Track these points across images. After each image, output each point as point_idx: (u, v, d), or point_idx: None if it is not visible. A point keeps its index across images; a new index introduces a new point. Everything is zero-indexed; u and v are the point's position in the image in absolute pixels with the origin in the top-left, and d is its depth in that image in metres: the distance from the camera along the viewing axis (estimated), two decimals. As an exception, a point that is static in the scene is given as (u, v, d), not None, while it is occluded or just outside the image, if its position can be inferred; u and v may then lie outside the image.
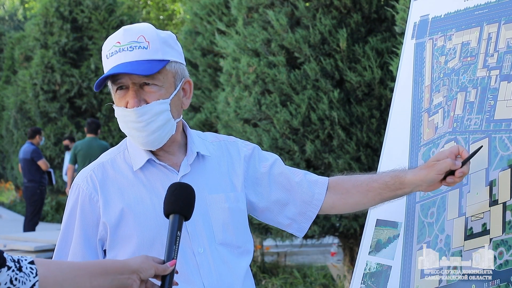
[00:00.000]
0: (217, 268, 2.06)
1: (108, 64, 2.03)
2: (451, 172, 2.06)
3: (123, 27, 2.06)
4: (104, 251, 2.07)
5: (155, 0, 24.47)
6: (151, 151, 2.10)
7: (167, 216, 1.85)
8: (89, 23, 15.32)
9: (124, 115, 2.02)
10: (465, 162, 2.05)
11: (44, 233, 10.26)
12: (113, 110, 2.08)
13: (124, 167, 2.10)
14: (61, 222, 2.16)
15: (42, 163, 11.71)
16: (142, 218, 2.03)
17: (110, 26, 15.32)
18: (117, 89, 2.04)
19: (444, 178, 2.07)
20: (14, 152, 18.45)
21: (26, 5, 29.29)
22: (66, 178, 11.99)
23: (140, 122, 2.01)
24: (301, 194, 2.23)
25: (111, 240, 2.04)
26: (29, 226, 12.08)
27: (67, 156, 13.16)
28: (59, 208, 16.04)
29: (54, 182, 12.39)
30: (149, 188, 2.06)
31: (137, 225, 2.02)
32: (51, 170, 12.24)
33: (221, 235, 2.09)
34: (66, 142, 13.18)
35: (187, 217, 1.86)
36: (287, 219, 2.24)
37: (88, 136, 10.42)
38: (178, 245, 1.80)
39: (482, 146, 2.12)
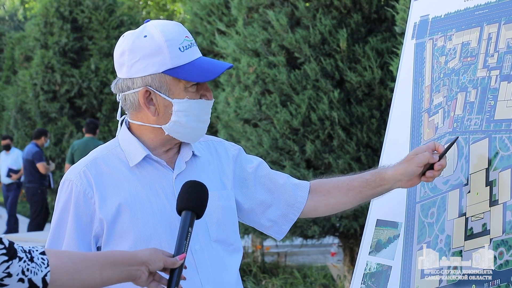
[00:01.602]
0: (213, 265, 2.07)
1: (186, 57, 2.01)
2: (430, 168, 2.12)
3: (174, 22, 2.05)
4: (98, 248, 2.05)
5: (155, 0, 24.48)
6: (148, 149, 2.08)
7: (179, 212, 1.87)
8: (89, 23, 15.31)
9: (202, 107, 2.04)
10: (442, 155, 2.12)
11: (45, 233, 10.25)
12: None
13: (117, 164, 2.07)
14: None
15: (41, 166, 11.62)
16: (138, 214, 2.02)
17: (110, 26, 15.31)
18: (194, 83, 2.02)
19: (424, 174, 2.13)
20: (14, 152, 18.42)
21: (26, 5, 29.28)
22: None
23: (210, 113, 2.08)
24: (285, 196, 2.26)
25: (107, 236, 2.02)
26: (32, 226, 12.05)
27: (4, 156, 13.13)
28: (59, 208, 15.98)
29: (52, 185, 12.32)
30: (145, 184, 2.05)
31: (133, 221, 2.01)
32: (50, 174, 12.18)
33: (216, 232, 2.10)
34: (6, 141, 13.10)
35: (199, 215, 1.88)
36: (269, 221, 2.26)
37: (87, 136, 10.45)
38: (189, 241, 1.83)
39: (458, 137, 2.19)
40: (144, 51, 2.00)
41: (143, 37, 2.01)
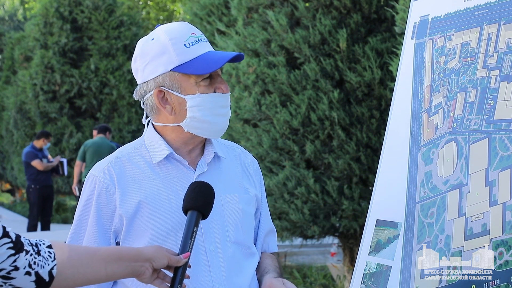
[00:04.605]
0: (227, 267, 2.09)
1: (193, 52, 2.05)
2: None
3: (181, 22, 2.11)
4: (117, 243, 2.10)
5: (155, 0, 24.47)
6: (171, 147, 2.11)
7: (185, 212, 1.90)
8: (89, 24, 15.32)
9: (217, 100, 2.07)
10: None
11: (45, 233, 10.25)
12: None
13: (140, 162, 2.12)
14: (61, 223, 2.16)
15: (37, 164, 11.51)
16: (157, 212, 2.06)
17: (110, 26, 15.32)
18: (205, 77, 2.06)
19: None
20: (14, 153, 18.43)
21: (26, 6, 29.28)
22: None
23: (229, 107, 2.11)
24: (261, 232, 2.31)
25: (126, 232, 2.07)
26: (28, 226, 12.05)
27: None
28: (59, 208, 16.01)
29: (66, 172, 12.18)
30: (166, 183, 2.09)
31: (152, 218, 2.05)
32: (64, 160, 12.08)
33: (234, 234, 2.13)
34: None
35: (204, 215, 1.92)
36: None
37: (98, 136, 10.75)
38: (194, 240, 1.86)
39: None
40: (152, 53, 2.07)
41: (151, 41, 2.09)
